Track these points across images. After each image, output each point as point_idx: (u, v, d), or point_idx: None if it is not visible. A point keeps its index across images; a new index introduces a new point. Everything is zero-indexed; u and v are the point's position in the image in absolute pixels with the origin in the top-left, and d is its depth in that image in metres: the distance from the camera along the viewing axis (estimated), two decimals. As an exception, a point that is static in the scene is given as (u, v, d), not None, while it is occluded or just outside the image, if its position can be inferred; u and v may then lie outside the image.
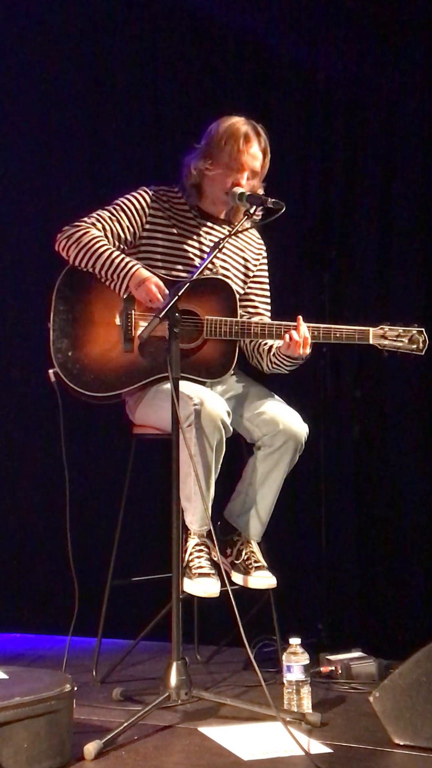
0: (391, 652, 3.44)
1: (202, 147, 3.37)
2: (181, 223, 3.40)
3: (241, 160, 3.32)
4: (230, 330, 3.26)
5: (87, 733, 2.69)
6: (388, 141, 4.20)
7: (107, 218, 3.32)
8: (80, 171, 4.50)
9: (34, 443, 4.38)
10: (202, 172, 3.35)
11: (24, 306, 4.38)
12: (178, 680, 2.88)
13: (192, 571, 3.12)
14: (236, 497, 3.37)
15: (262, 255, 3.56)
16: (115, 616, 3.54)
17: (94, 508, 4.33)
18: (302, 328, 3.22)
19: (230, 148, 3.32)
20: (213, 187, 3.37)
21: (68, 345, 3.25)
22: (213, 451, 3.10)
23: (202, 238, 3.41)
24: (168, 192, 3.42)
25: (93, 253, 3.22)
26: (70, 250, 3.25)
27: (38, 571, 4.35)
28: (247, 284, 3.51)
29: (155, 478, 4.00)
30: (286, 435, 3.25)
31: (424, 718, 2.59)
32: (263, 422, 3.28)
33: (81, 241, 3.24)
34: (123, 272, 3.21)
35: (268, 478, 3.30)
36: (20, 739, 2.40)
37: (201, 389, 3.15)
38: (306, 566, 4.16)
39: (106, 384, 3.26)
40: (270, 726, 2.79)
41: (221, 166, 3.33)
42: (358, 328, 3.27)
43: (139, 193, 3.38)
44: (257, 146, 3.35)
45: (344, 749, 2.65)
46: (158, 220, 3.38)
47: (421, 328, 3.29)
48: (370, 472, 4.19)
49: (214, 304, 3.29)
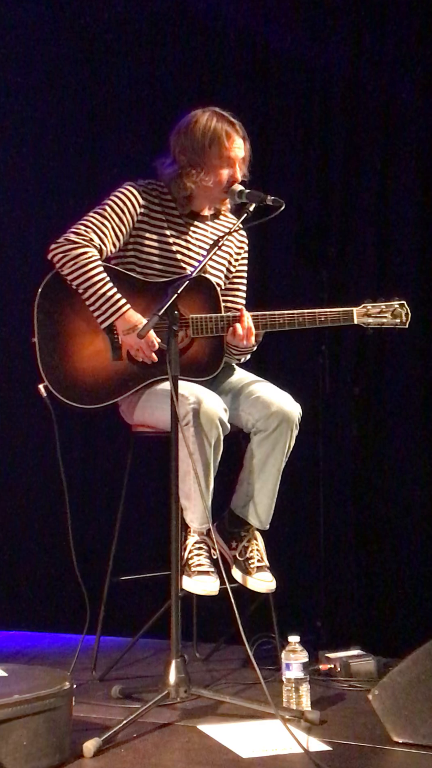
0: (389, 650, 3.44)
1: (185, 158, 3.32)
2: (170, 221, 3.39)
3: (231, 157, 3.32)
4: (216, 326, 3.25)
5: (86, 730, 2.69)
6: (387, 138, 4.19)
7: (101, 226, 3.27)
8: (79, 173, 4.49)
9: (33, 442, 4.38)
10: (198, 183, 3.33)
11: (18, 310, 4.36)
12: (177, 678, 2.89)
13: (191, 569, 3.12)
14: (239, 487, 3.36)
15: (244, 249, 3.54)
16: (114, 613, 3.55)
17: (93, 506, 4.33)
18: (246, 319, 3.22)
19: (216, 151, 3.30)
20: (211, 190, 3.35)
21: (56, 359, 3.23)
22: (211, 449, 3.10)
23: (188, 236, 3.40)
24: (157, 187, 3.39)
25: (86, 279, 3.19)
26: (64, 267, 3.21)
27: (38, 569, 4.35)
28: (230, 279, 3.50)
29: (154, 476, 4.01)
30: (279, 417, 3.25)
31: (423, 716, 2.59)
32: (255, 407, 3.28)
33: (77, 262, 3.20)
34: (112, 309, 3.18)
35: (266, 463, 3.29)
36: (19, 737, 2.40)
37: (197, 388, 3.15)
38: (305, 564, 4.16)
39: (98, 395, 3.25)
40: (269, 723, 2.79)
41: (212, 169, 3.31)
42: (342, 309, 3.29)
43: (129, 191, 3.34)
44: (238, 137, 3.34)
45: (343, 747, 2.65)
46: (147, 219, 3.36)
47: (402, 301, 3.32)
48: (368, 470, 4.18)
49: (198, 302, 3.27)
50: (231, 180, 3.33)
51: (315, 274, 4.25)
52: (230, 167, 3.32)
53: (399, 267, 4.19)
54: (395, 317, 3.32)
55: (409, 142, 4.17)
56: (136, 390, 3.27)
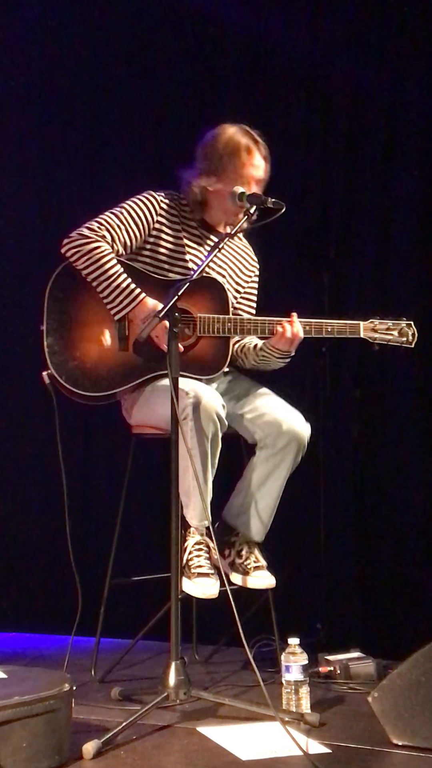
0: (389, 653, 3.44)
1: (204, 165, 3.36)
2: (187, 231, 3.41)
3: (247, 174, 3.33)
4: (223, 327, 3.26)
5: (86, 732, 2.69)
6: (388, 141, 4.20)
7: (116, 227, 3.30)
8: (80, 173, 4.50)
9: (33, 443, 4.38)
10: (207, 190, 3.35)
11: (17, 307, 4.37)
12: (176, 680, 2.88)
13: (191, 571, 3.12)
14: (235, 496, 3.36)
15: (255, 273, 3.58)
16: (114, 615, 3.54)
17: (93, 508, 4.33)
18: (296, 324, 3.24)
19: (234, 163, 3.32)
20: (222, 201, 3.36)
21: (62, 346, 3.25)
22: (209, 444, 3.10)
23: (203, 247, 3.42)
24: (176, 198, 3.42)
25: (101, 272, 3.21)
26: (79, 261, 3.24)
27: (38, 571, 4.35)
28: (237, 299, 3.52)
29: (154, 478, 4.00)
30: (289, 436, 3.25)
31: (423, 719, 2.59)
32: (265, 423, 3.28)
33: (92, 256, 3.22)
34: (128, 299, 3.21)
35: (269, 479, 3.30)
36: (19, 739, 2.40)
37: (196, 383, 3.16)
38: (305, 566, 4.16)
39: (101, 384, 3.26)
40: (268, 726, 2.79)
41: (227, 181, 3.32)
42: (349, 322, 3.30)
43: (147, 199, 3.37)
44: (259, 155, 3.35)
45: (343, 749, 2.65)
46: (165, 228, 3.38)
47: (410, 321, 3.34)
48: (369, 472, 4.19)
49: (207, 302, 3.30)
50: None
51: (316, 277, 4.25)
52: (246, 184, 3.32)
53: (399, 269, 4.20)
54: (402, 336, 3.33)
55: (410, 144, 4.18)
56: (138, 382, 3.28)
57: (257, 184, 3.36)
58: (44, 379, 3.23)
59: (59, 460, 3.26)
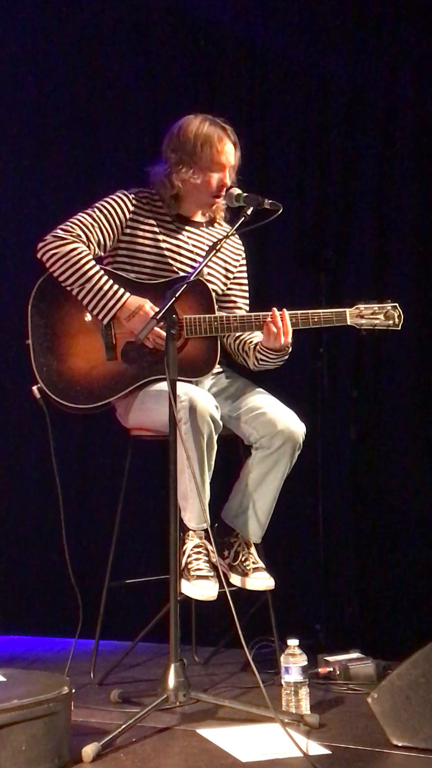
0: (389, 654, 3.44)
1: (175, 157, 3.36)
2: (161, 227, 3.40)
3: (220, 161, 3.34)
4: (209, 326, 3.25)
5: (85, 735, 2.69)
6: (385, 141, 4.20)
7: (89, 225, 3.30)
8: (76, 173, 4.49)
9: (30, 445, 4.37)
10: (186, 182, 3.35)
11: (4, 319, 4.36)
12: (176, 682, 2.88)
13: (190, 573, 3.12)
14: (233, 497, 3.36)
15: (242, 256, 3.56)
16: (113, 617, 3.54)
17: (92, 510, 4.33)
18: (278, 317, 3.22)
19: (207, 151, 3.32)
20: (198, 192, 3.37)
21: (50, 359, 3.24)
22: (204, 446, 3.10)
23: (180, 241, 3.41)
24: (148, 195, 3.42)
25: (80, 275, 3.21)
26: (55, 265, 3.23)
27: (37, 574, 4.34)
28: (228, 285, 3.51)
29: (152, 480, 4.00)
30: (284, 436, 3.25)
31: (423, 719, 2.59)
32: (261, 424, 3.27)
33: (68, 258, 3.22)
34: (112, 301, 3.20)
35: (266, 479, 3.30)
36: (18, 742, 2.40)
37: (188, 386, 3.15)
38: (304, 567, 4.16)
39: (93, 395, 3.26)
40: (268, 727, 2.78)
41: (202, 170, 3.34)
42: (335, 310, 3.28)
43: (120, 198, 3.37)
44: (229, 142, 3.37)
45: (342, 750, 2.65)
46: (139, 225, 3.37)
47: (395, 303, 3.32)
48: (367, 473, 4.18)
49: (191, 303, 3.28)
50: (220, 184, 3.35)
51: (313, 277, 4.25)
52: (221, 171, 3.34)
53: (397, 269, 4.20)
54: (388, 318, 3.31)
55: (407, 144, 4.17)
56: (130, 390, 3.27)
57: (231, 170, 3.37)
58: (35, 393, 3.22)
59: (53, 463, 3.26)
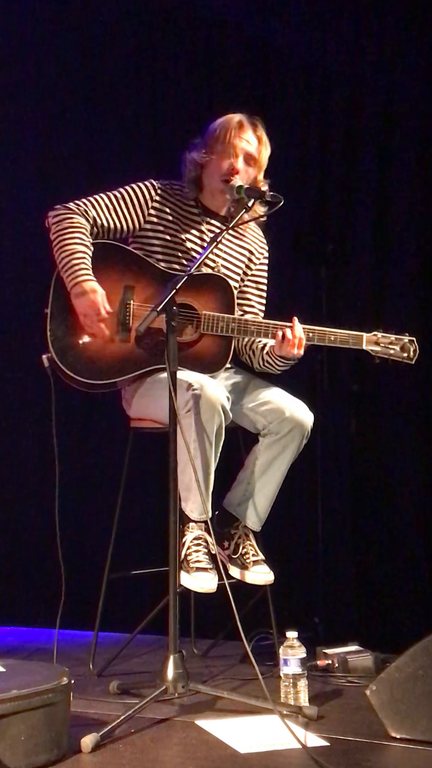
0: (387, 646, 3.44)
1: (202, 141, 3.38)
2: (186, 218, 3.40)
3: (234, 144, 3.33)
4: (227, 326, 3.26)
5: (84, 726, 2.69)
6: (385, 135, 4.20)
7: (103, 206, 3.30)
8: (79, 165, 4.49)
9: (29, 435, 4.38)
10: (198, 163, 3.36)
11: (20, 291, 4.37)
12: (175, 673, 2.89)
13: (189, 565, 3.11)
14: (237, 485, 3.37)
15: (264, 255, 3.55)
16: (113, 609, 3.54)
17: (91, 501, 4.33)
18: (297, 328, 3.23)
19: (223, 134, 3.34)
20: (210, 176, 3.36)
21: (64, 331, 3.22)
22: (213, 437, 3.09)
23: (204, 234, 3.41)
24: (175, 186, 3.41)
25: (61, 244, 3.21)
26: (51, 232, 3.24)
27: (37, 564, 4.34)
28: (245, 281, 3.50)
29: (153, 471, 4.00)
30: (293, 422, 3.25)
31: (421, 711, 2.60)
32: (269, 411, 3.28)
33: (60, 226, 3.22)
34: (71, 276, 3.18)
35: (271, 466, 3.30)
36: (17, 732, 2.40)
37: (200, 376, 3.15)
38: (303, 560, 4.17)
39: (100, 372, 3.25)
40: (267, 719, 2.79)
41: (215, 153, 3.34)
42: (352, 333, 3.30)
43: (144, 186, 3.37)
44: (251, 133, 3.36)
45: (341, 742, 2.65)
46: (163, 215, 3.37)
47: (413, 338, 3.32)
48: (366, 466, 4.19)
49: (213, 300, 3.28)
50: (230, 168, 3.32)
51: (313, 272, 4.25)
52: (234, 156, 3.33)
53: (397, 264, 4.20)
54: (404, 351, 3.31)
55: (408, 139, 4.18)
56: (137, 374, 3.27)
57: (246, 158, 3.35)
58: (43, 362, 3.20)
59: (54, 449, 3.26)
